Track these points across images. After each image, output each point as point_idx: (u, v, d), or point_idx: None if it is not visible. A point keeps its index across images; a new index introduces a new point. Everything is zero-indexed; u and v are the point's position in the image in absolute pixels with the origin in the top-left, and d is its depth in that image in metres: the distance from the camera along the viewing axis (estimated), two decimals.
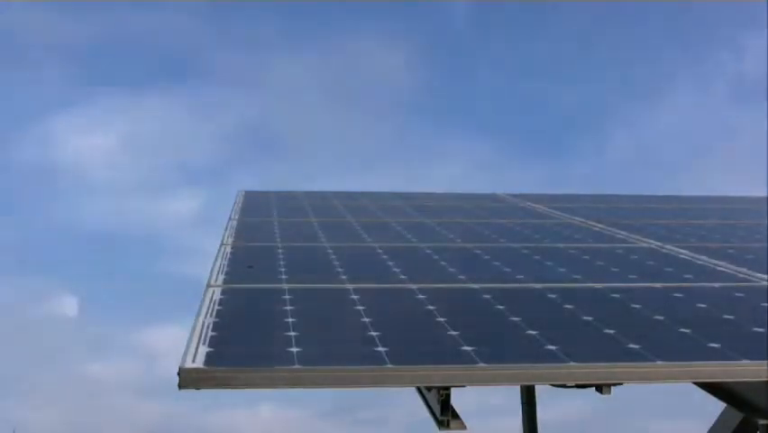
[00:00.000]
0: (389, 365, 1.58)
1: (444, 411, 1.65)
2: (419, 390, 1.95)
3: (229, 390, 1.54)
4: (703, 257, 3.10)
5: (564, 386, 1.87)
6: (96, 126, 10.36)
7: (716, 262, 3.00)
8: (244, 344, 1.76)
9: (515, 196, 5.48)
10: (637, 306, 2.22)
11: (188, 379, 1.50)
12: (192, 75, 10.38)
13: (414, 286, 2.44)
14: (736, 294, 2.42)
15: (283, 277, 2.56)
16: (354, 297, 2.26)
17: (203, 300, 2.16)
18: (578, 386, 1.88)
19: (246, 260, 2.89)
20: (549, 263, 2.91)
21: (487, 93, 10.20)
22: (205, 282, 2.45)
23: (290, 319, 1.96)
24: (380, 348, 1.70)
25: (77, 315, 8.86)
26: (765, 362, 1.67)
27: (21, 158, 10.04)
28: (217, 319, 1.95)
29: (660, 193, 5.91)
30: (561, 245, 3.37)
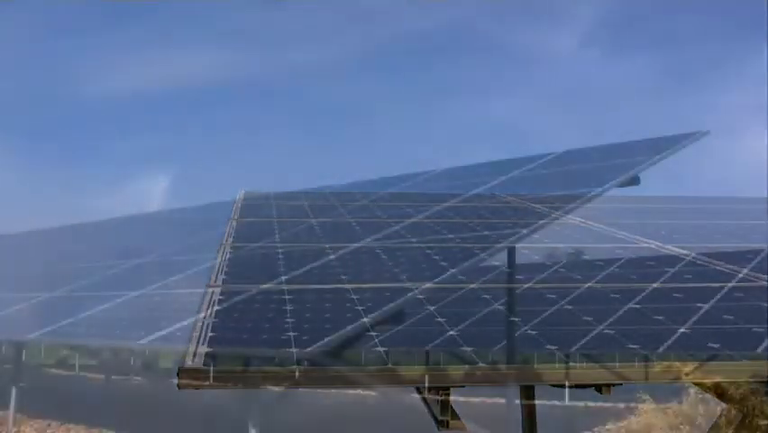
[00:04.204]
0: (389, 365, 1.58)
1: (444, 411, 1.65)
2: (419, 390, 1.95)
3: (228, 389, 1.54)
4: (703, 257, 3.09)
5: (564, 386, 1.87)
6: None
7: (716, 262, 2.99)
8: (243, 344, 1.76)
9: (515, 196, 5.48)
10: (637, 306, 2.21)
11: (188, 379, 1.50)
12: None
13: (413, 286, 2.44)
14: (736, 294, 2.42)
15: (283, 277, 2.56)
16: (354, 296, 2.26)
17: (202, 300, 2.16)
18: (578, 386, 1.87)
19: (246, 260, 2.89)
20: (550, 263, 2.91)
21: None
22: (205, 283, 2.45)
23: (290, 319, 1.96)
24: (380, 348, 1.70)
25: None
26: (765, 362, 1.67)
27: None
28: (217, 319, 1.95)
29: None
30: (560, 245, 3.37)
